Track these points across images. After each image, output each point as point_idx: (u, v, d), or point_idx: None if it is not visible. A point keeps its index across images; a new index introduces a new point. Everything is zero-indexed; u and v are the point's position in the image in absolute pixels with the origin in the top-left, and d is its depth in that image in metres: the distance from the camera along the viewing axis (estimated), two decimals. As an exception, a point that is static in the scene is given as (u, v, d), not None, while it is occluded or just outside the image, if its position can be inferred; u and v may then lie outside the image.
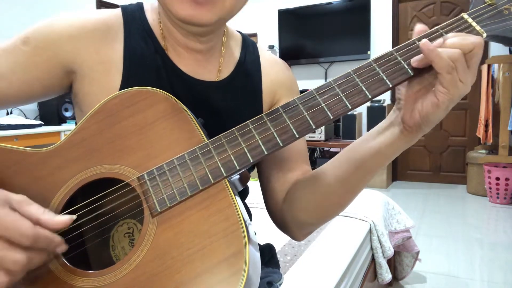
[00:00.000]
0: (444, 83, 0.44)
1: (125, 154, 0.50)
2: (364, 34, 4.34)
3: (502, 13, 0.49)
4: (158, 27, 0.62)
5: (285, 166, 0.65)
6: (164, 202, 0.46)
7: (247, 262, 0.41)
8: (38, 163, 0.50)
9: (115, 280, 0.44)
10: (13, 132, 2.55)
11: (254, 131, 0.49)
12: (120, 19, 0.61)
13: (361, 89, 0.48)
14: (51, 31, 0.57)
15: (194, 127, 0.50)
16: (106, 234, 0.56)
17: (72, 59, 0.58)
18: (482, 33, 0.48)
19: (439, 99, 0.45)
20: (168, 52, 0.61)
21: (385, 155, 0.52)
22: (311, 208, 0.59)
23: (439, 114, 0.46)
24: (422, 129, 0.48)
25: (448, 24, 0.49)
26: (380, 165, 0.53)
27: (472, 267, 2.25)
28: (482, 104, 3.58)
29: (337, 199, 0.57)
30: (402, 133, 0.50)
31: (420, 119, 0.47)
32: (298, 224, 0.62)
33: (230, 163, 0.47)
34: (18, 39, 0.57)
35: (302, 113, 0.49)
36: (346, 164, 0.54)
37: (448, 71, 0.43)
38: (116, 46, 0.59)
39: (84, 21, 0.59)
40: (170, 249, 0.44)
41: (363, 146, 0.53)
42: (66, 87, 0.61)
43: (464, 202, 3.59)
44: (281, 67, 0.72)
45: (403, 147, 0.51)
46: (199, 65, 0.63)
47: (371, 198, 1.93)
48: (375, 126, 0.54)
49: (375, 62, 0.49)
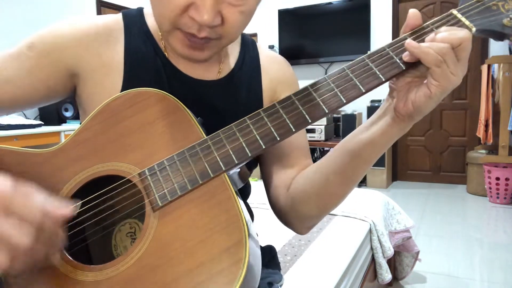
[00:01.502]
0: (435, 75, 0.46)
1: (127, 152, 0.51)
2: (364, 34, 4.35)
3: (490, 8, 0.51)
4: (158, 31, 0.63)
5: (286, 162, 0.66)
6: (165, 196, 0.47)
7: (247, 252, 0.42)
8: (41, 163, 0.52)
9: (118, 273, 0.44)
10: (13, 132, 2.55)
11: (252, 126, 0.50)
12: (121, 23, 0.63)
13: (355, 83, 0.49)
14: (56, 36, 0.59)
15: (194, 125, 0.52)
16: (109, 234, 0.56)
17: (75, 63, 0.60)
18: (472, 27, 0.49)
19: (432, 91, 0.47)
20: (167, 53, 0.63)
21: (379, 145, 0.53)
22: (311, 201, 0.60)
23: (431, 104, 0.48)
24: (413, 118, 0.50)
25: (438, 20, 0.51)
26: (375, 155, 0.54)
27: (472, 267, 2.25)
28: (482, 104, 3.58)
29: (336, 190, 0.58)
30: (395, 121, 0.51)
31: (413, 109, 0.49)
32: (300, 218, 0.64)
33: (229, 158, 0.49)
34: (24, 45, 0.60)
35: (298, 108, 0.50)
36: (342, 155, 0.56)
37: (437, 64, 0.45)
38: (117, 49, 0.62)
39: (87, 26, 0.61)
40: (171, 242, 0.45)
41: (357, 137, 0.54)
42: (70, 90, 0.63)
43: (464, 202, 3.59)
44: (281, 64, 0.72)
45: (395, 136, 0.52)
46: (199, 65, 0.64)
47: (371, 198, 1.93)
48: (369, 118, 0.55)
49: (368, 58, 0.50)
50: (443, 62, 0.45)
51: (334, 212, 1.73)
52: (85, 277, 0.45)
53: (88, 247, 0.56)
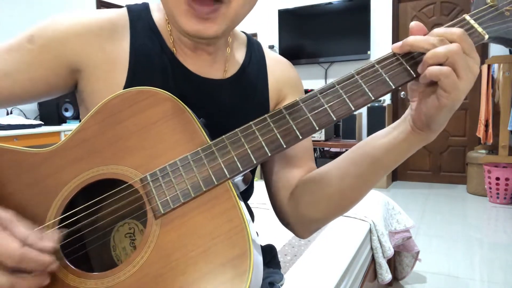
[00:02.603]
0: (444, 86, 0.44)
1: (127, 154, 0.50)
2: (364, 34, 4.34)
3: (504, 14, 0.49)
4: (166, 26, 0.62)
5: (290, 163, 0.65)
6: (167, 203, 0.46)
7: (251, 264, 0.41)
8: (39, 163, 0.50)
9: (118, 281, 0.43)
10: (13, 132, 2.55)
11: (258, 132, 0.49)
12: (126, 18, 0.61)
13: (365, 90, 0.48)
14: (57, 29, 0.57)
15: (197, 128, 0.50)
16: (108, 235, 0.55)
17: (77, 58, 0.58)
18: (484, 34, 0.48)
19: (441, 102, 0.45)
20: (175, 51, 0.62)
21: (399, 151, 0.52)
22: (320, 204, 0.59)
23: (444, 114, 0.46)
24: (432, 128, 0.48)
25: (450, 25, 0.49)
26: (395, 161, 0.53)
27: (472, 267, 2.25)
28: (482, 104, 3.58)
29: (350, 194, 0.57)
30: (414, 131, 0.50)
31: (425, 120, 0.47)
32: (304, 221, 0.62)
33: (234, 165, 0.47)
34: (24, 37, 0.57)
35: (305, 114, 0.48)
36: (361, 159, 0.54)
37: (447, 76, 0.43)
38: (122, 44, 0.60)
39: (90, 20, 0.59)
40: (173, 251, 0.43)
41: (378, 141, 0.53)
42: (71, 85, 0.61)
43: (464, 202, 3.59)
44: (286, 65, 0.72)
45: (417, 144, 0.51)
46: (206, 64, 0.63)
47: (371, 198, 1.93)
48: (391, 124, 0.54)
49: (378, 64, 0.49)
50: (451, 71, 0.43)
51: (334, 212, 1.72)
52: (86, 286, 0.44)
53: (86, 247, 0.54)
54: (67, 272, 0.45)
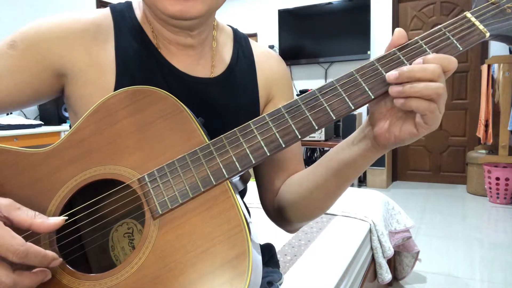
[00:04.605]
0: (427, 120, 0.45)
1: (125, 154, 0.49)
2: (364, 34, 4.34)
3: (505, 11, 0.49)
4: (148, 25, 0.61)
5: (279, 166, 0.67)
6: (165, 204, 0.46)
7: (250, 264, 0.41)
8: (36, 163, 0.50)
9: (117, 283, 0.43)
10: (13, 132, 2.55)
11: (256, 131, 0.48)
12: (110, 19, 0.60)
13: (364, 89, 0.47)
14: (38, 33, 0.56)
15: (195, 127, 0.50)
16: (106, 236, 0.55)
17: (61, 62, 0.56)
18: (485, 32, 0.47)
19: (419, 131, 0.46)
20: (160, 49, 0.61)
21: (360, 166, 0.53)
22: (295, 209, 0.62)
23: (415, 139, 0.48)
24: (395, 146, 0.50)
25: (451, 23, 0.49)
26: (355, 175, 0.55)
27: (472, 267, 2.25)
28: (482, 104, 3.58)
29: (318, 204, 0.59)
30: (374, 147, 0.51)
31: (394, 142, 0.48)
32: (286, 222, 0.66)
33: (232, 165, 0.47)
34: (5, 43, 0.56)
35: (304, 113, 0.48)
36: (325, 173, 0.56)
37: (432, 111, 0.44)
38: (107, 46, 0.58)
39: (73, 22, 0.57)
40: (172, 252, 0.43)
41: (338, 155, 0.55)
42: (58, 90, 0.60)
43: (464, 202, 3.59)
44: (275, 60, 0.71)
45: (376, 157, 0.52)
46: (192, 61, 0.62)
47: (371, 198, 1.92)
48: (351, 134, 0.55)
49: (378, 62, 0.48)
50: (436, 107, 0.44)
51: (334, 212, 1.73)
52: (82, 287, 0.44)
53: (85, 247, 0.54)
54: (65, 273, 0.45)
